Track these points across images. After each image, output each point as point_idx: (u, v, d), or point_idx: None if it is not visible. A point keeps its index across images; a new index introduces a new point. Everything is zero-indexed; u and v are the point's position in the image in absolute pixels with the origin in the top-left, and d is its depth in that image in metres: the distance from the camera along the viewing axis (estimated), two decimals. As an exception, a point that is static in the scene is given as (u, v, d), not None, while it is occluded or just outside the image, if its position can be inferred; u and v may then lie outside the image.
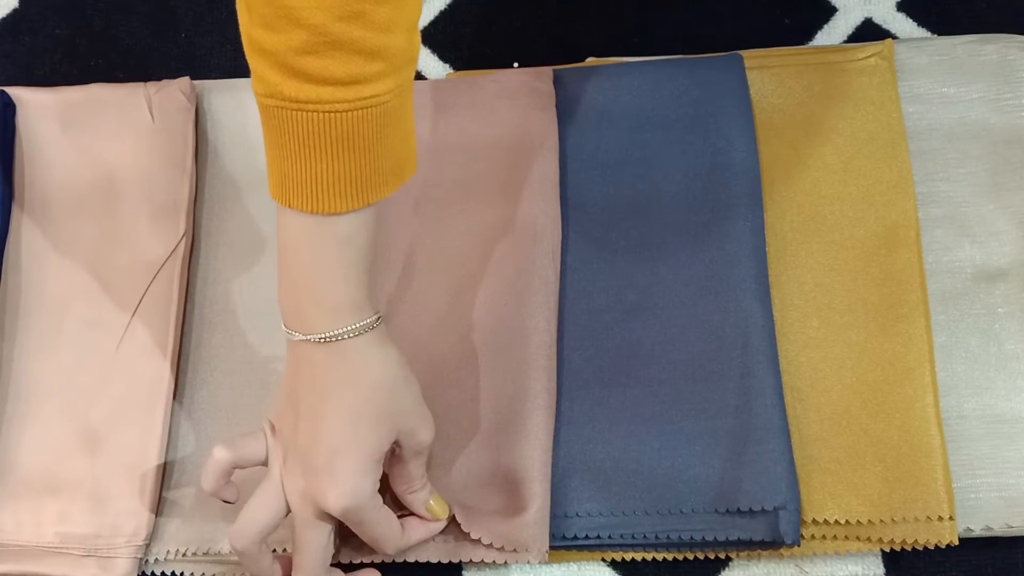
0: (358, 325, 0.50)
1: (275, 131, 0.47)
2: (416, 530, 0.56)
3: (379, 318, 0.51)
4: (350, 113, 0.45)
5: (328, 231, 0.48)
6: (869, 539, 0.56)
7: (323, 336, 0.49)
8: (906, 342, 0.59)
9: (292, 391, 0.52)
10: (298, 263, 0.49)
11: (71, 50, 0.74)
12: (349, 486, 0.50)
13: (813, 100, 0.65)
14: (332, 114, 0.45)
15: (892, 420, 0.58)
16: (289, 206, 0.48)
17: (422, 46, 0.72)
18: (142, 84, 0.68)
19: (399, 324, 0.62)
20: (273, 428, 0.54)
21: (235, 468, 0.53)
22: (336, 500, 0.50)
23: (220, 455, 0.52)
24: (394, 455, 0.55)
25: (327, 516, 0.52)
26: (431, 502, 0.56)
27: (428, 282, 0.63)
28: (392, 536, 0.54)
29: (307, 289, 0.49)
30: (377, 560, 0.58)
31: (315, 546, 0.52)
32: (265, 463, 0.53)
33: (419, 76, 0.71)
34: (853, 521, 0.56)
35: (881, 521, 0.56)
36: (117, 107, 0.67)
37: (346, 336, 0.50)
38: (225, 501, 0.54)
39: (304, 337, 0.50)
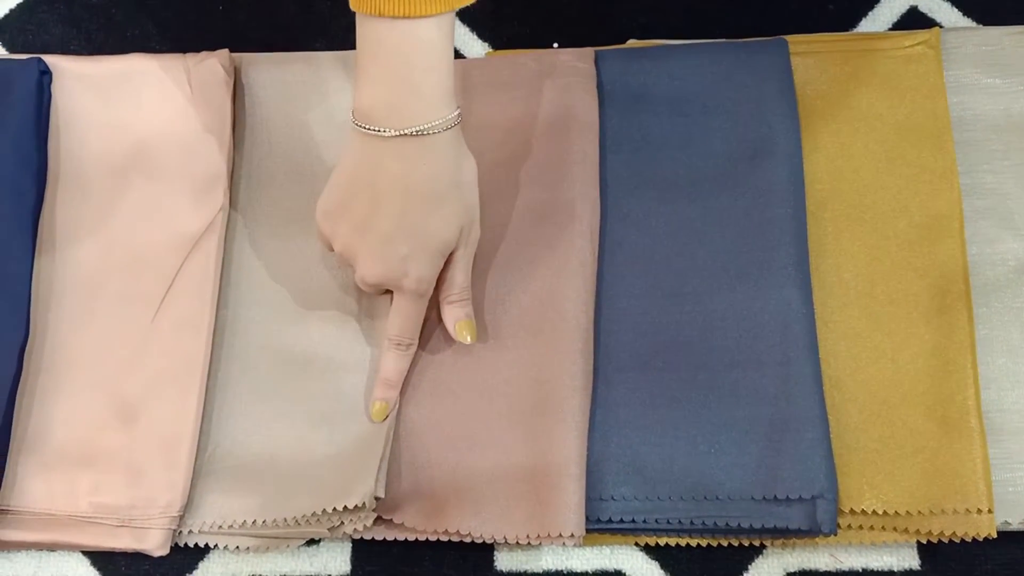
0: (447, 118, 0.53)
1: None
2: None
3: (459, 112, 0.54)
4: None
5: (420, 32, 0.51)
6: (906, 530, 0.56)
7: (417, 129, 0.52)
8: (948, 334, 0.59)
9: (367, 184, 0.55)
10: (391, 64, 0.52)
11: (107, 20, 0.73)
12: (427, 272, 0.56)
13: (858, 87, 0.65)
14: None
15: (932, 412, 0.58)
16: (380, 15, 0.50)
17: (460, 24, 0.72)
18: (181, 56, 0.67)
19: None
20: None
21: None
22: (414, 283, 0.56)
23: None
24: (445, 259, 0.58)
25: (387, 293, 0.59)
26: (464, 321, 0.59)
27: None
28: (414, 332, 0.59)
29: (403, 85, 0.52)
30: (411, 538, 0.58)
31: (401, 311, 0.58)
32: None
33: (457, 55, 0.71)
34: (891, 512, 0.56)
35: (919, 512, 0.56)
36: (156, 78, 0.66)
37: (437, 130, 0.53)
38: None
39: (397, 132, 0.52)
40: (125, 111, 0.66)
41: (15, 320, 0.61)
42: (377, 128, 0.53)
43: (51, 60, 0.68)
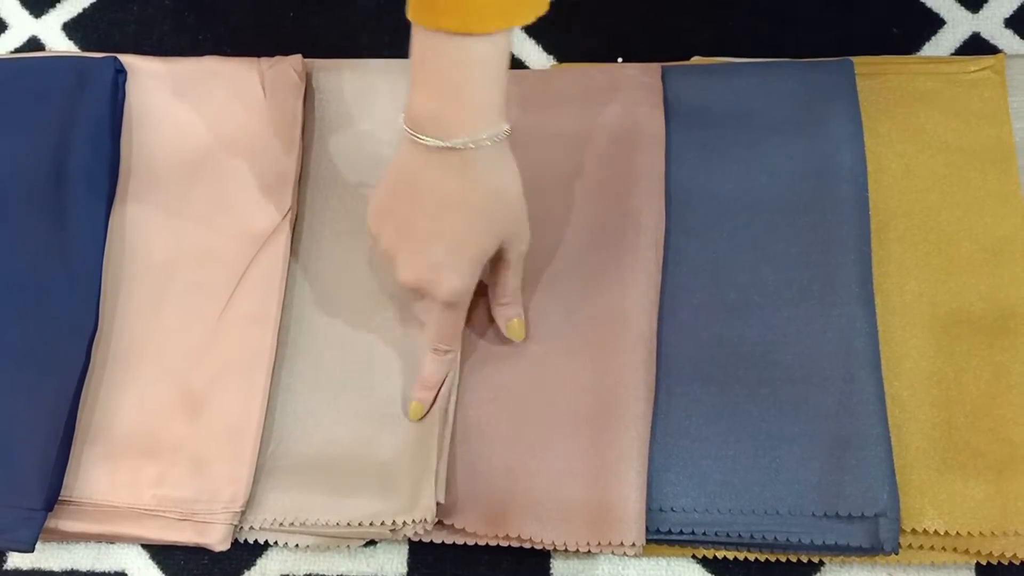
0: (492, 134, 0.53)
1: None
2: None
3: (508, 128, 0.54)
4: None
5: (475, 49, 0.50)
6: (967, 551, 0.56)
7: (460, 143, 0.52)
8: (1012, 356, 0.59)
9: (410, 188, 0.55)
10: (443, 77, 0.51)
11: (179, 22, 0.74)
12: (461, 281, 0.56)
13: (923, 110, 0.65)
14: None
15: (995, 433, 0.58)
16: (436, 28, 0.49)
17: (526, 37, 0.72)
18: (255, 59, 0.68)
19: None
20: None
21: None
22: (446, 291, 0.56)
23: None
24: (495, 265, 0.59)
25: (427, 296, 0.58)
26: (515, 320, 0.61)
27: (530, 269, 0.63)
28: (452, 340, 0.60)
29: (453, 98, 0.52)
30: (470, 542, 0.58)
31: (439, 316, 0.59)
32: None
33: (522, 66, 0.72)
34: (952, 532, 0.56)
35: (980, 534, 0.56)
36: (230, 80, 0.67)
37: (480, 145, 0.52)
38: None
39: (442, 144, 0.52)
40: (198, 111, 0.67)
41: (85, 311, 0.62)
42: (422, 136, 0.53)
43: (126, 59, 0.69)
